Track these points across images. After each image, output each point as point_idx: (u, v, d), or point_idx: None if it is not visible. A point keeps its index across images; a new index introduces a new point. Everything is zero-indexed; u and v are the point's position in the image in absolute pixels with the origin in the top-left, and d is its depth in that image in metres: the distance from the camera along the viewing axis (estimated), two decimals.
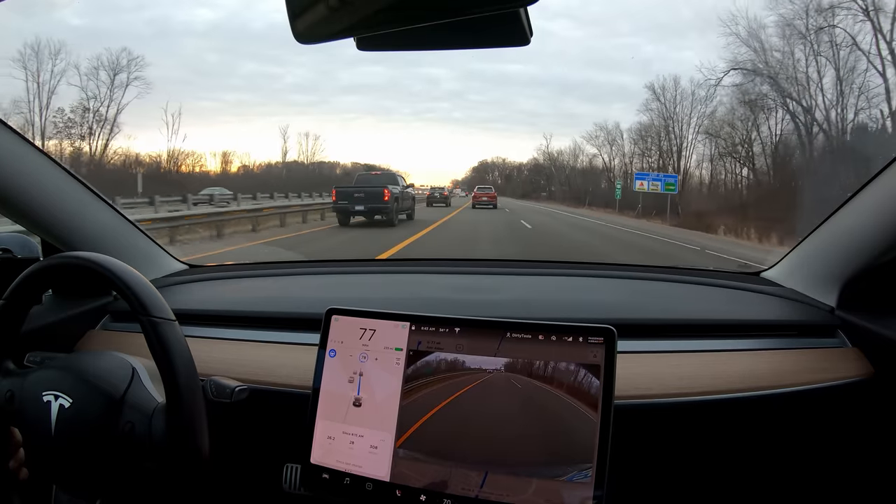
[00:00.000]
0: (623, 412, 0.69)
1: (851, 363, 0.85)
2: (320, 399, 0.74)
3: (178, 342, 0.66)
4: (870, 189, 0.85)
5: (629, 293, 1.13)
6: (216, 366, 0.84)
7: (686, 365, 0.84)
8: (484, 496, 0.65)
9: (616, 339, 0.66)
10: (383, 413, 0.71)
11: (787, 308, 1.00)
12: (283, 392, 0.83)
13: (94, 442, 0.67)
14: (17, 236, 1.00)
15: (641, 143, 23.13)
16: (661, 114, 21.97)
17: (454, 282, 1.19)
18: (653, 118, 22.53)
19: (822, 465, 0.85)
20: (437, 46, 0.54)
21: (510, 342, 0.69)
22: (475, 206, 17.51)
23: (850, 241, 0.89)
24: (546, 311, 1.00)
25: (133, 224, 1.15)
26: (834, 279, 0.93)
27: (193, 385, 0.66)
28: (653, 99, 22.40)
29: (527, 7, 0.45)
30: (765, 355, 0.89)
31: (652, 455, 0.81)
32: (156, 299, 0.68)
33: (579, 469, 0.63)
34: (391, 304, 0.78)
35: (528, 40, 0.49)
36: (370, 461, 0.70)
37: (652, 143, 22.55)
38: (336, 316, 0.76)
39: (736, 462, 0.84)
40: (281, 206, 11.97)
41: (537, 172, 29.99)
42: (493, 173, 32.29)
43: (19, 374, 0.73)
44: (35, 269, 0.73)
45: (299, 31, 0.48)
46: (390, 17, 0.46)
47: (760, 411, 0.80)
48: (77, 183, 1.01)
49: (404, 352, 0.72)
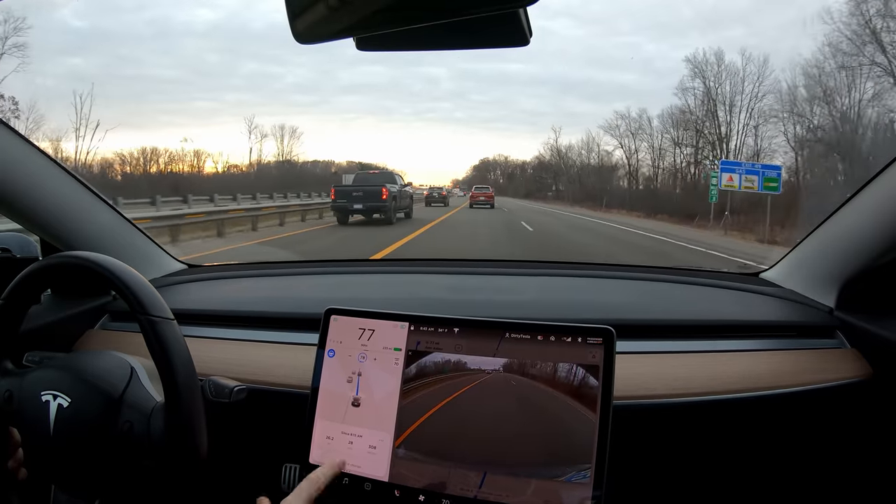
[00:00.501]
0: (622, 413, 0.69)
1: (850, 364, 0.85)
2: (319, 399, 0.73)
3: (176, 341, 0.66)
4: (869, 190, 0.85)
5: (628, 294, 1.13)
6: (215, 366, 0.84)
7: (685, 365, 0.84)
8: (483, 496, 0.65)
9: (615, 339, 0.66)
10: (382, 413, 0.71)
11: (787, 309, 1.00)
12: (281, 392, 0.83)
13: (92, 441, 0.67)
14: (16, 236, 1.00)
15: (676, 132, 18.40)
16: (705, 94, 17.11)
17: (453, 282, 1.19)
18: (689, 101, 17.57)
19: (821, 466, 0.85)
20: (436, 47, 0.54)
21: (509, 342, 0.69)
22: (472, 205, 17.73)
23: (850, 242, 0.89)
24: (545, 312, 1.00)
25: (132, 224, 1.15)
26: (833, 280, 0.93)
27: (192, 384, 0.66)
28: (692, 76, 17.49)
29: (526, 7, 0.45)
30: (764, 356, 0.89)
31: (651, 455, 0.81)
32: (154, 298, 0.68)
33: (578, 469, 0.63)
34: (390, 304, 0.78)
35: (528, 41, 0.49)
36: (369, 461, 0.70)
37: (690, 129, 17.62)
38: (335, 316, 0.76)
39: (735, 463, 0.84)
40: (282, 206, 12.27)
41: (543, 170, 27.32)
42: (494, 172, 30.84)
43: (18, 374, 0.73)
44: (34, 269, 0.73)
45: (299, 31, 0.48)
46: (390, 18, 0.46)
47: (759, 412, 0.80)
48: (76, 183, 1.01)
49: (403, 352, 0.72)
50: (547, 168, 27.50)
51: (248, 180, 22.64)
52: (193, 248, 7.41)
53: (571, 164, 25.31)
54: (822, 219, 0.97)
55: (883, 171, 0.81)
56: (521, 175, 29.57)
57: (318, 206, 12.98)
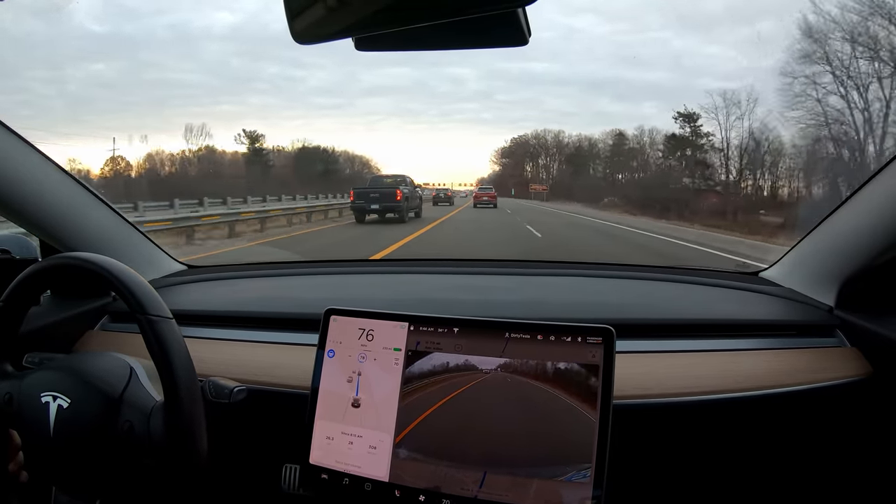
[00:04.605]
0: (622, 412, 0.69)
1: (850, 363, 0.85)
2: (319, 399, 0.73)
3: (175, 340, 0.66)
4: (868, 188, 0.85)
5: (628, 293, 1.13)
6: (215, 366, 0.84)
7: (684, 365, 0.84)
8: (483, 496, 0.65)
9: (615, 339, 0.66)
10: (382, 413, 0.71)
11: (786, 308, 1.00)
12: (281, 392, 0.83)
13: (92, 442, 0.67)
14: (16, 237, 1.00)
15: None
16: None
17: (453, 282, 1.19)
18: None
19: (821, 465, 0.85)
20: (435, 46, 0.54)
21: (509, 342, 0.69)
22: (476, 205, 18.06)
23: (849, 240, 0.89)
24: (545, 311, 1.00)
25: (132, 225, 1.15)
26: (832, 279, 0.93)
27: (191, 382, 0.66)
28: (798, 37, 13.45)
29: (525, 7, 0.45)
30: (763, 355, 0.89)
31: (651, 455, 0.81)
32: (152, 297, 0.68)
33: (578, 469, 0.63)
34: (390, 305, 0.78)
35: (527, 40, 0.49)
36: (369, 461, 0.70)
37: None
38: (335, 316, 0.76)
39: (735, 461, 0.84)
40: (289, 208, 12.94)
41: (616, 162, 19.79)
42: (531, 162, 21.18)
43: (17, 377, 0.73)
44: (33, 270, 0.73)
45: (297, 31, 0.48)
46: (388, 18, 0.45)
47: (759, 411, 0.80)
48: (76, 184, 1.01)
49: (403, 352, 0.72)
50: (621, 156, 20.64)
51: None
52: (203, 249, 7.77)
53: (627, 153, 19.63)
54: (821, 217, 0.97)
55: (882, 169, 0.81)
56: (591, 164, 20.54)
57: (339, 205, 14.15)
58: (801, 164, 13.96)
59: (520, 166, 22.93)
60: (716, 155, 18.00)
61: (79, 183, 1.01)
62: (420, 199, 13.48)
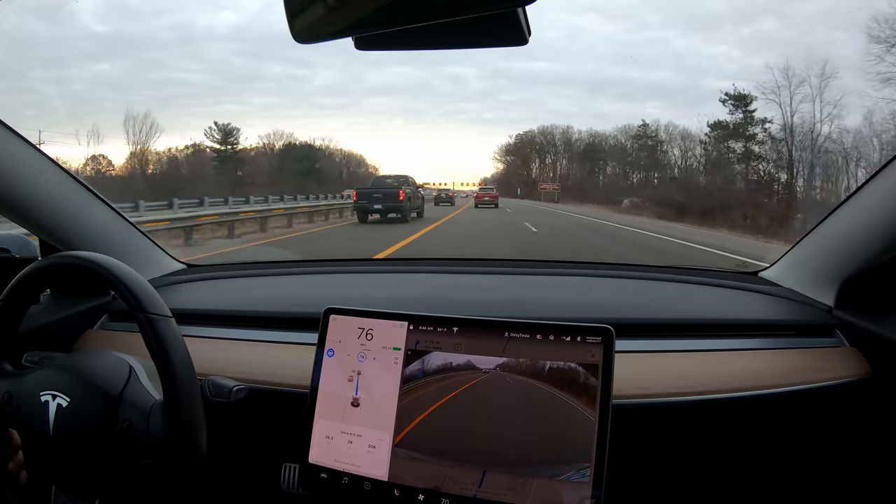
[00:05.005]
0: (621, 412, 0.69)
1: (849, 363, 0.85)
2: (318, 398, 0.74)
3: (174, 338, 0.67)
4: (868, 189, 0.85)
5: (628, 293, 1.13)
6: (214, 365, 0.84)
7: (684, 364, 0.84)
8: (482, 496, 0.65)
9: (614, 338, 0.66)
10: (381, 412, 0.71)
11: (785, 308, 1.00)
12: (281, 392, 0.83)
13: (92, 440, 0.67)
14: (16, 236, 1.00)
15: None
16: None
17: (453, 281, 1.19)
18: None
19: (821, 465, 0.86)
20: (434, 46, 0.54)
21: (509, 342, 0.69)
22: (477, 205, 18.50)
23: (848, 240, 0.89)
24: (544, 311, 1.00)
25: (131, 224, 1.15)
26: (832, 279, 0.93)
27: (191, 381, 0.66)
28: None
29: (524, 7, 0.45)
30: (763, 355, 0.89)
31: (650, 454, 0.81)
32: (151, 296, 0.68)
33: (577, 468, 0.63)
34: (389, 304, 0.78)
35: (527, 40, 0.49)
36: (368, 461, 0.70)
37: None
38: (334, 315, 0.76)
39: (734, 461, 0.84)
40: (290, 208, 12.99)
41: (639, 159, 16.82)
42: (537, 159, 18.62)
43: (17, 375, 0.73)
44: (33, 269, 0.73)
45: (297, 30, 0.48)
46: (388, 17, 0.46)
47: (758, 411, 0.80)
48: (76, 183, 1.01)
49: (402, 351, 0.72)
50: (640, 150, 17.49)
51: None
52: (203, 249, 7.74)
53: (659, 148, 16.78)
54: (821, 217, 0.97)
55: (882, 170, 0.81)
56: (607, 161, 17.71)
57: (340, 205, 14.28)
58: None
59: (526, 165, 21.58)
60: (773, 147, 14.58)
61: (78, 182, 1.01)
62: (422, 199, 13.62)
